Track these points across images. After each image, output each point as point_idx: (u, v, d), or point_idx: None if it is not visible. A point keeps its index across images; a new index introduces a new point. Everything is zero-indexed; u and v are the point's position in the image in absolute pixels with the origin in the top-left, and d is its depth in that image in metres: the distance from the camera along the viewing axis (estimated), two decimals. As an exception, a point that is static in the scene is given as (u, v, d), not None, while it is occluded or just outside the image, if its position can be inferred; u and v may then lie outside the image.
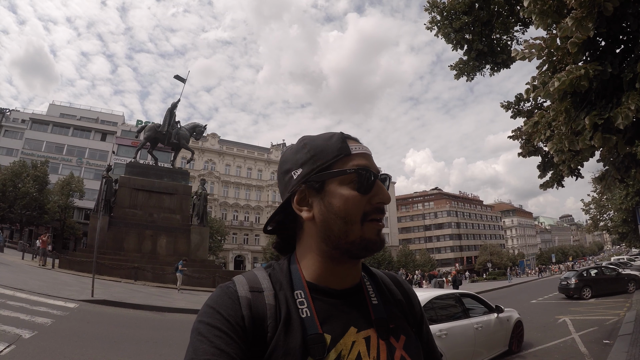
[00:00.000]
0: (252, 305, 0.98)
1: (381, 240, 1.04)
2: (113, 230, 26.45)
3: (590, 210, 40.59)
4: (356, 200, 1.01)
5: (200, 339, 0.91)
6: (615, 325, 12.35)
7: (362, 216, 1.01)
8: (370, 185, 1.02)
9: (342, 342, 0.98)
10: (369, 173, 1.02)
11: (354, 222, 1.00)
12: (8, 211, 46.86)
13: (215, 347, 0.89)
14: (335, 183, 1.02)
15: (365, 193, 1.01)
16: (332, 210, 1.01)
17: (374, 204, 1.02)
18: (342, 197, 1.01)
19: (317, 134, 1.12)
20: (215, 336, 0.91)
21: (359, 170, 1.01)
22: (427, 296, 7.38)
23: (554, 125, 6.11)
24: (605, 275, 23.73)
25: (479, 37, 10.32)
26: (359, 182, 1.01)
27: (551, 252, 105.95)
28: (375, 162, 1.09)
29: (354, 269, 1.11)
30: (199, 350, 0.89)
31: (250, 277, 1.06)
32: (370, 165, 1.05)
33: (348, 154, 1.04)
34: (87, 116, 71.43)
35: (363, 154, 1.06)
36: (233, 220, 68.68)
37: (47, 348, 7.62)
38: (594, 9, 4.44)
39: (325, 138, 1.08)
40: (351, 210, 1.00)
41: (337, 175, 1.02)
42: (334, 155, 1.04)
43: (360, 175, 1.01)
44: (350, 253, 1.03)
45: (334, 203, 1.01)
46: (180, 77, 31.97)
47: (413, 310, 1.21)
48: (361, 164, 1.03)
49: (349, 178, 1.01)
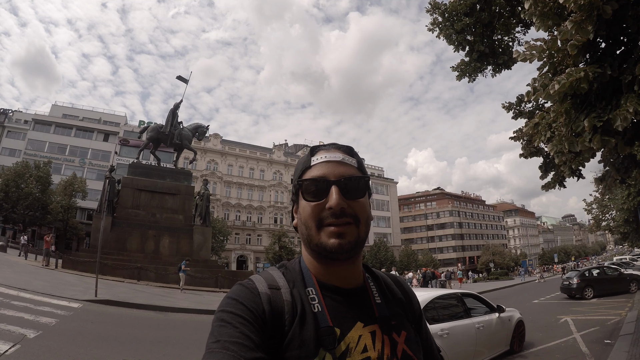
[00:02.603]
0: (272, 300, 1.06)
1: (340, 244, 1.07)
2: (116, 231, 26.51)
3: (592, 210, 40.36)
4: (308, 208, 1.11)
5: (224, 325, 0.97)
6: (616, 325, 12.35)
7: (318, 222, 1.09)
8: (318, 193, 1.11)
9: (350, 336, 1.07)
10: (314, 182, 1.11)
11: (310, 227, 1.11)
12: (11, 212, 46.97)
13: (241, 332, 0.95)
14: (300, 194, 1.14)
15: (312, 201, 1.11)
16: (299, 218, 1.15)
17: (327, 210, 1.09)
18: (302, 206, 1.14)
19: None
20: (240, 323, 0.97)
21: (300, 182, 1.14)
22: (428, 296, 7.41)
23: (554, 126, 6.14)
24: (607, 275, 23.70)
25: (480, 39, 10.34)
26: (303, 192, 1.12)
27: (554, 252, 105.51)
28: (342, 167, 1.14)
29: (350, 270, 1.18)
30: (224, 333, 0.95)
31: (267, 276, 1.15)
32: (326, 173, 1.12)
33: (308, 167, 1.16)
34: (90, 117, 71.40)
35: (324, 162, 1.15)
36: (235, 221, 68.62)
37: (51, 347, 7.67)
38: (593, 12, 4.47)
39: (304, 154, 1.21)
40: (306, 218, 1.11)
41: (298, 187, 1.15)
42: (301, 170, 1.17)
43: (302, 185, 1.13)
44: (321, 255, 1.12)
45: (300, 211, 1.15)
46: (182, 78, 31.97)
47: (412, 309, 1.29)
48: (314, 175, 1.13)
49: (302, 189, 1.13)
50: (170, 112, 31.47)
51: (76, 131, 67.03)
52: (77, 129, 67.16)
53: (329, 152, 1.16)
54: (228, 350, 0.90)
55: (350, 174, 1.13)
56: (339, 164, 1.14)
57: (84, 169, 63.97)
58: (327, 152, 1.16)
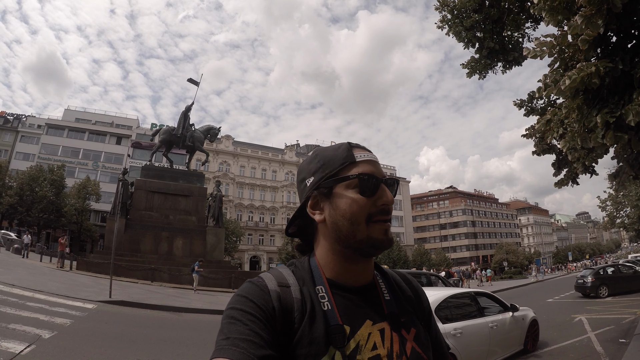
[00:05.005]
0: (282, 298, 1.05)
1: (388, 239, 1.11)
2: (130, 232, 26.72)
3: (606, 207, 39.96)
4: (360, 202, 1.09)
5: (234, 322, 0.97)
6: (631, 324, 12.19)
7: (367, 217, 1.09)
8: (373, 189, 1.10)
9: (359, 333, 1.07)
10: (371, 177, 1.11)
11: (359, 222, 1.09)
12: (26, 215, 47.55)
13: (250, 330, 0.95)
14: (341, 188, 1.12)
15: (368, 196, 1.10)
16: (339, 213, 1.10)
17: (378, 206, 1.10)
18: (347, 201, 1.10)
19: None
20: (250, 320, 0.97)
21: (360, 176, 1.10)
22: (441, 295, 7.38)
23: (567, 122, 6.09)
24: (622, 273, 23.42)
25: (490, 35, 10.29)
26: (361, 186, 1.10)
27: (568, 250, 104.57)
28: (381, 168, 1.17)
29: (367, 267, 1.19)
30: (234, 331, 0.95)
31: (276, 274, 1.15)
32: (374, 171, 1.13)
33: (353, 162, 1.13)
34: (102, 120, 72.12)
35: (368, 160, 1.15)
36: (248, 221, 68.84)
37: (66, 348, 7.75)
38: (603, 6, 4.43)
39: (334, 149, 1.18)
40: (356, 212, 1.09)
41: (342, 180, 1.12)
42: (340, 163, 1.13)
43: (362, 180, 1.10)
44: (361, 251, 1.11)
45: (340, 206, 1.11)
46: (193, 80, 32.10)
47: (422, 306, 1.29)
48: (365, 170, 1.12)
49: (353, 183, 1.11)
50: (182, 115, 31.61)
51: (89, 135, 67.71)
52: (89, 133, 67.84)
53: (367, 152, 1.18)
54: (238, 348, 0.90)
55: (385, 175, 1.16)
56: (378, 165, 1.17)
57: (97, 172, 64.56)
58: (365, 152, 1.18)
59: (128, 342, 9.06)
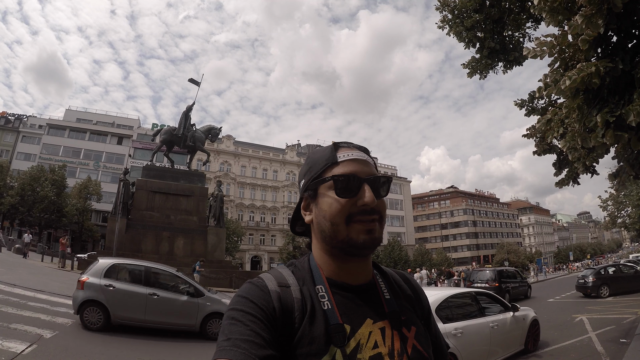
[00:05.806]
0: (282, 298, 1.07)
1: (371, 238, 1.10)
2: (131, 232, 26.70)
3: (607, 206, 39.93)
4: (338, 203, 1.10)
5: (235, 323, 0.98)
6: (632, 324, 12.18)
7: (347, 218, 1.09)
8: (351, 189, 1.10)
9: (360, 332, 1.08)
10: (348, 178, 1.11)
11: (338, 223, 1.10)
12: (27, 215, 47.65)
13: (251, 330, 0.96)
14: (324, 189, 1.14)
15: (346, 197, 1.10)
16: (322, 214, 1.13)
17: (359, 206, 1.10)
18: (328, 201, 1.12)
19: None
20: (250, 321, 0.98)
21: (334, 177, 1.11)
22: (442, 295, 7.39)
23: (567, 122, 6.09)
24: (623, 273, 23.36)
25: (490, 35, 10.30)
26: (336, 187, 1.11)
27: (569, 250, 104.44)
28: (370, 166, 1.18)
29: (363, 266, 1.19)
30: (235, 331, 0.95)
31: (276, 274, 1.16)
32: (357, 170, 1.13)
33: (335, 162, 1.15)
34: (103, 121, 72.32)
35: (352, 160, 1.15)
36: (249, 221, 68.96)
37: (68, 347, 7.78)
38: (604, 6, 4.43)
39: (321, 150, 1.20)
40: (334, 213, 1.10)
41: (321, 182, 1.14)
42: (323, 165, 1.16)
43: (337, 181, 1.11)
44: (344, 251, 1.12)
45: (322, 207, 1.13)
46: (194, 81, 32.06)
47: (421, 305, 1.30)
48: (345, 171, 1.12)
49: (330, 184, 1.12)
50: (183, 115, 31.57)
51: (90, 135, 67.91)
52: (91, 133, 68.05)
53: (353, 151, 1.18)
54: (239, 348, 0.91)
55: (374, 173, 1.16)
56: (365, 163, 1.16)
57: (98, 172, 64.74)
58: (351, 150, 1.18)
59: (129, 341, 9.09)
